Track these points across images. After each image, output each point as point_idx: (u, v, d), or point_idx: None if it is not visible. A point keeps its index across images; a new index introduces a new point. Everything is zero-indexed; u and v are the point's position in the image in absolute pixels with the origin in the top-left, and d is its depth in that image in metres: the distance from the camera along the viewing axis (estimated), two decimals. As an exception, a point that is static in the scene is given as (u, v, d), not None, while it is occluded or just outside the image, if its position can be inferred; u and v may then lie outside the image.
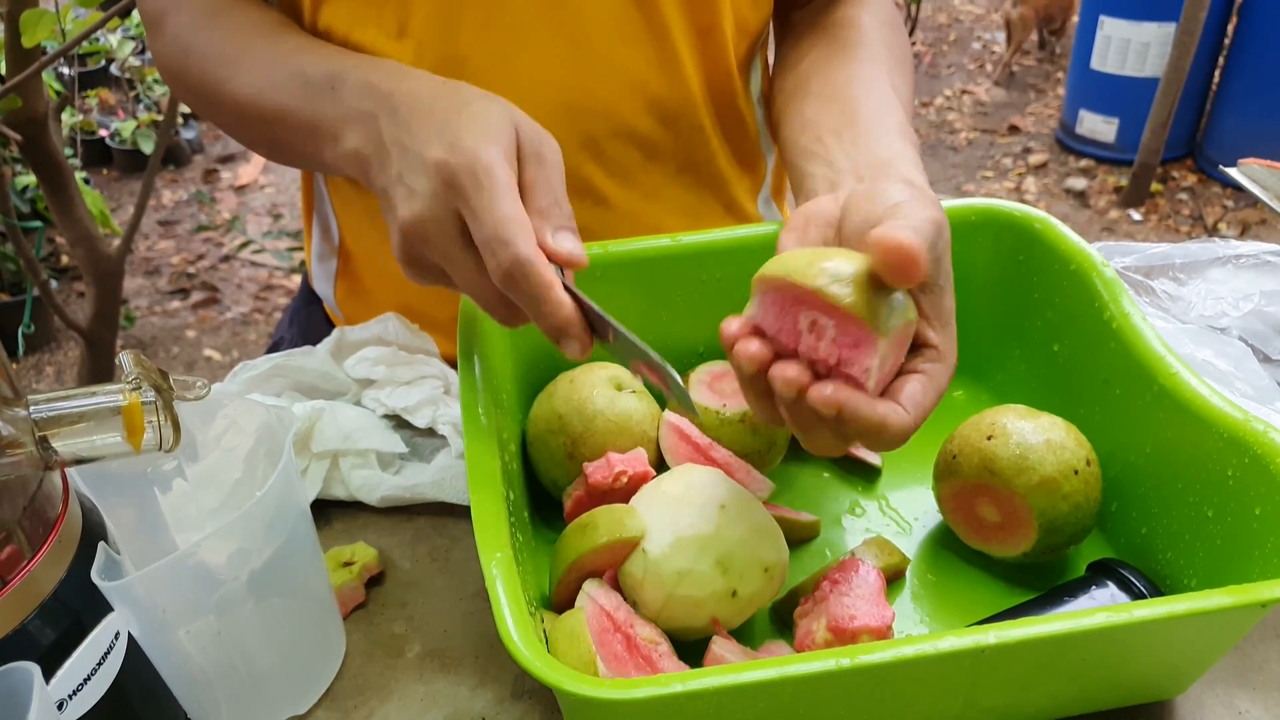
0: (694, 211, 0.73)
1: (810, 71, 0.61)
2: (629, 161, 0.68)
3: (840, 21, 0.65)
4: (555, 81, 0.63)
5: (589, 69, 0.63)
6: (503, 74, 0.62)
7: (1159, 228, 2.66)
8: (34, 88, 1.32)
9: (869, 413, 0.40)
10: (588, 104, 0.64)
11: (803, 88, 0.60)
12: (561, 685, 0.38)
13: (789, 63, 0.65)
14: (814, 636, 0.46)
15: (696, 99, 0.68)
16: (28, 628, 0.38)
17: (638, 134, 0.67)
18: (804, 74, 0.61)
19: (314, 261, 0.80)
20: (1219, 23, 2.66)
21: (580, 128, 0.65)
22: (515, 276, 0.43)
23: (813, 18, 0.67)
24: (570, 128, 0.64)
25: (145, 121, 2.89)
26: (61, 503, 0.41)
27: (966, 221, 0.62)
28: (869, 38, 0.62)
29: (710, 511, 0.48)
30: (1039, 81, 3.50)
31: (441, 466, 0.61)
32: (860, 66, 0.60)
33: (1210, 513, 0.49)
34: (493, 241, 0.43)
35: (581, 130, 0.65)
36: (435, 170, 0.45)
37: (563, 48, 0.62)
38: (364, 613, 0.55)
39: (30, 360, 2.35)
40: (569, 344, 0.45)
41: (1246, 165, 0.75)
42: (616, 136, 0.66)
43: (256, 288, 2.60)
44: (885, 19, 0.66)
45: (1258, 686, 0.49)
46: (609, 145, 0.66)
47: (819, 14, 0.67)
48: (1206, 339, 0.67)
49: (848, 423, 0.41)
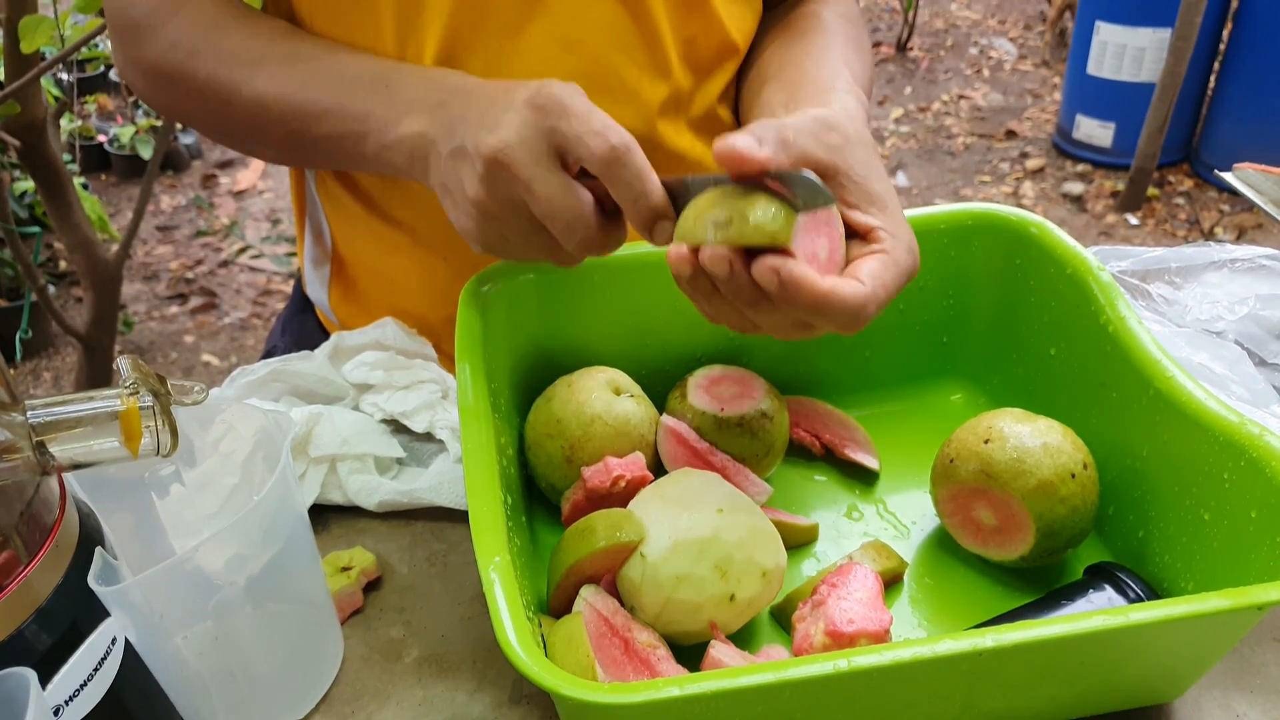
0: None
1: (768, 59, 0.63)
2: None
3: (801, 14, 0.67)
4: None
5: (580, 74, 0.63)
6: (492, 77, 0.62)
7: (1156, 232, 2.67)
8: (32, 93, 1.32)
9: (810, 280, 0.41)
10: None
11: (759, 75, 0.62)
12: (559, 690, 0.38)
13: (752, 58, 0.68)
14: (812, 640, 0.46)
15: (687, 103, 0.68)
16: (24, 633, 0.38)
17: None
18: (763, 63, 0.63)
19: (307, 266, 0.80)
20: (1214, 28, 2.67)
21: None
22: (621, 155, 0.45)
23: (782, 14, 0.70)
24: None
25: (144, 127, 2.89)
26: (58, 508, 0.41)
27: (963, 225, 0.63)
28: (826, 25, 0.64)
29: (708, 515, 0.48)
30: (1036, 86, 3.51)
31: (439, 471, 0.61)
32: (812, 45, 0.62)
33: (1206, 516, 0.49)
34: (593, 133, 0.46)
35: None
36: (525, 104, 0.47)
37: (554, 53, 0.63)
38: (362, 618, 0.55)
39: (28, 365, 2.35)
40: (661, 226, 0.47)
41: (1241, 170, 0.75)
42: None
43: (255, 293, 2.60)
44: (845, 13, 0.67)
45: (1255, 690, 0.49)
46: None
47: (787, 10, 0.69)
48: (1202, 343, 0.67)
49: (794, 295, 0.42)
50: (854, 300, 0.42)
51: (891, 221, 0.46)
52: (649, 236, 0.48)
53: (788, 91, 0.57)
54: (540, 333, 0.60)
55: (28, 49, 1.12)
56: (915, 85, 3.60)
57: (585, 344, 0.62)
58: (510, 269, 0.59)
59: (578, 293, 0.61)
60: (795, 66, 0.60)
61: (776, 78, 0.60)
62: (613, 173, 0.46)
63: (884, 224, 0.46)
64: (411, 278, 0.73)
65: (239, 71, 0.59)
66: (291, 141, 0.59)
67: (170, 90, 0.64)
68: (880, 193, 0.47)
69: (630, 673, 0.45)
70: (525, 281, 0.59)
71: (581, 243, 0.48)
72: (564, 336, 0.62)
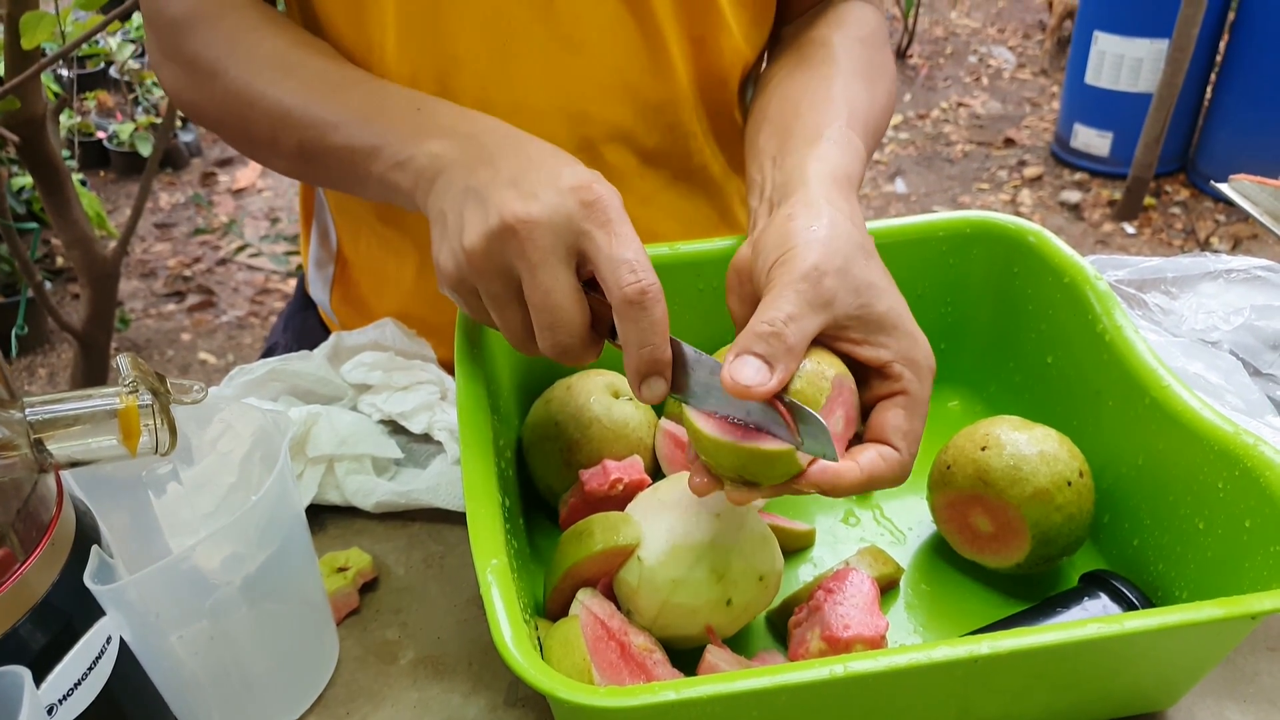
0: (688, 217, 0.73)
1: (771, 94, 0.61)
2: (625, 166, 0.68)
3: (812, 40, 0.65)
4: (550, 85, 0.63)
5: (583, 74, 0.64)
6: (497, 78, 0.63)
7: (1152, 241, 2.68)
8: (32, 89, 1.32)
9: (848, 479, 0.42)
10: (583, 108, 0.65)
11: (761, 112, 0.61)
12: (555, 693, 0.38)
13: (761, 84, 0.66)
14: (808, 646, 0.46)
15: (691, 106, 0.68)
16: (19, 631, 0.38)
17: (633, 139, 0.67)
18: (767, 97, 0.62)
19: (311, 267, 0.80)
20: (1211, 39, 2.68)
21: (576, 132, 0.65)
22: (648, 300, 0.44)
23: (794, 35, 0.68)
24: (566, 131, 0.65)
25: (143, 124, 2.88)
26: (55, 506, 0.41)
27: (961, 234, 0.63)
28: (834, 55, 0.62)
29: (706, 520, 0.48)
30: (1034, 95, 3.52)
31: (437, 472, 0.61)
32: (812, 80, 0.60)
33: (1201, 525, 0.49)
34: (628, 263, 0.44)
35: (578, 134, 0.65)
36: (570, 191, 0.45)
37: (556, 52, 0.63)
38: (358, 619, 0.55)
39: (23, 362, 2.34)
40: (654, 382, 0.45)
41: (1237, 181, 0.75)
42: (612, 141, 0.67)
43: (253, 291, 2.60)
44: (861, 36, 0.65)
45: (1248, 698, 0.49)
46: (605, 149, 0.67)
47: (799, 32, 0.67)
48: (1198, 352, 0.67)
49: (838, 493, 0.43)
50: (894, 474, 0.44)
51: (903, 342, 0.45)
52: (638, 389, 0.45)
53: (779, 140, 0.56)
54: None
55: (28, 45, 1.12)
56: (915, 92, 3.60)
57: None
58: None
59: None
60: (792, 108, 0.58)
61: (773, 121, 0.59)
62: (632, 314, 0.44)
63: (897, 352, 0.45)
64: (414, 282, 0.73)
65: (267, 75, 0.59)
66: (303, 151, 0.58)
67: (198, 88, 0.63)
68: (884, 312, 0.45)
69: (626, 676, 0.45)
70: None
71: (556, 345, 0.46)
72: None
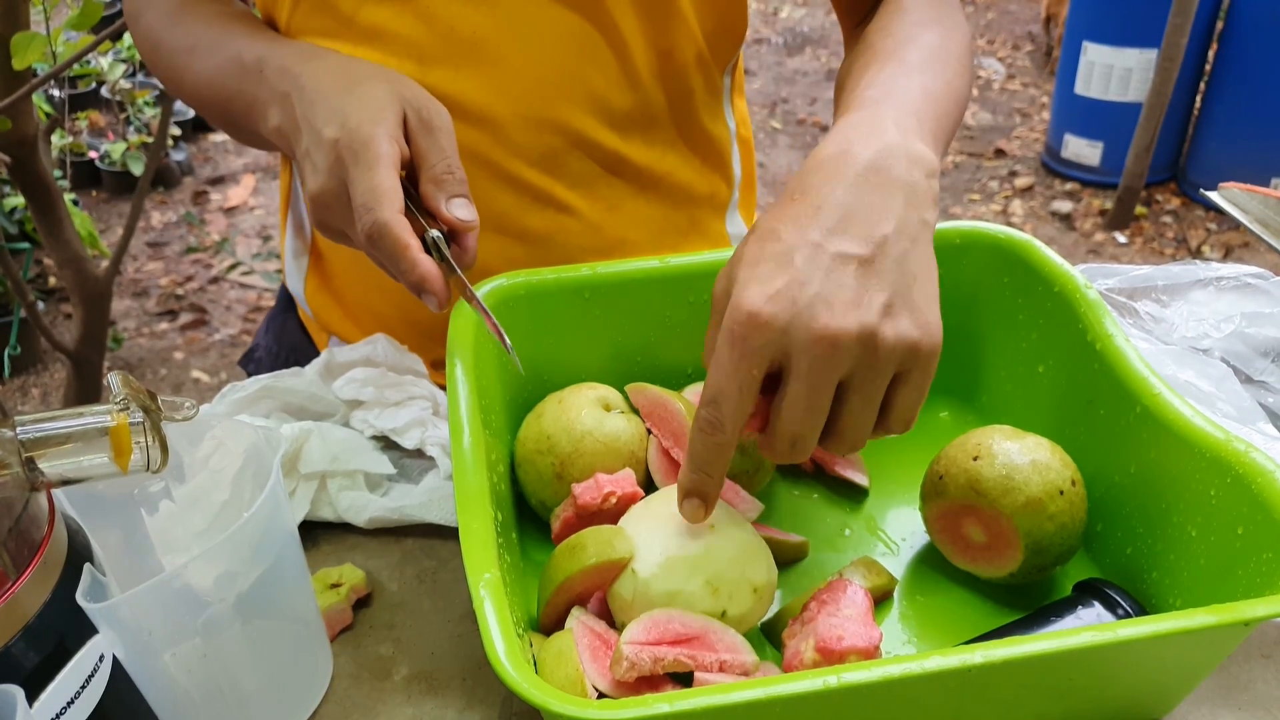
0: (656, 226, 0.73)
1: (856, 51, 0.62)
2: (590, 174, 0.69)
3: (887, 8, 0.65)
4: (515, 94, 0.65)
5: (548, 83, 0.65)
6: (463, 86, 0.64)
7: (1144, 250, 2.69)
8: (24, 110, 1.32)
9: None
10: (548, 116, 0.65)
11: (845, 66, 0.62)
12: (549, 706, 0.37)
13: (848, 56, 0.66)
14: (802, 657, 0.46)
15: (658, 117, 0.69)
16: (11, 650, 0.38)
17: (599, 148, 0.68)
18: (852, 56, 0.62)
19: (288, 257, 0.81)
20: (1200, 49, 2.70)
21: (541, 140, 0.66)
22: (374, 238, 0.49)
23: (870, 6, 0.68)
24: (531, 139, 0.66)
25: (135, 144, 2.89)
26: (47, 524, 0.41)
27: (952, 244, 0.63)
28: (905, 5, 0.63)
29: (699, 532, 0.48)
30: (1024, 106, 3.54)
31: (430, 488, 0.61)
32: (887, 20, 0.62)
33: (1194, 533, 0.49)
34: (359, 209, 0.49)
35: (543, 142, 0.66)
36: (330, 148, 0.51)
37: (522, 63, 0.64)
38: (351, 635, 0.54)
39: (16, 382, 2.34)
40: (427, 298, 0.50)
41: (1227, 189, 0.76)
42: (576, 149, 0.67)
43: (245, 309, 2.59)
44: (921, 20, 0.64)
45: (1243, 706, 0.49)
46: (569, 158, 0.67)
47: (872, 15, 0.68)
48: (1189, 360, 0.68)
49: None
50: None
51: None
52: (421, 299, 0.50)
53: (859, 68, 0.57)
54: (531, 350, 0.61)
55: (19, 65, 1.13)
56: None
57: (576, 361, 0.62)
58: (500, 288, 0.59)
59: (568, 310, 0.61)
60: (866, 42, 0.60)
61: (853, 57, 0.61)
62: (373, 248, 0.49)
63: None
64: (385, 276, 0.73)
65: (182, 60, 0.64)
66: (227, 124, 0.63)
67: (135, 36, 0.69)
68: None
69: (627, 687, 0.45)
70: (515, 299, 0.59)
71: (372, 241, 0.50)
72: (554, 353, 0.62)
